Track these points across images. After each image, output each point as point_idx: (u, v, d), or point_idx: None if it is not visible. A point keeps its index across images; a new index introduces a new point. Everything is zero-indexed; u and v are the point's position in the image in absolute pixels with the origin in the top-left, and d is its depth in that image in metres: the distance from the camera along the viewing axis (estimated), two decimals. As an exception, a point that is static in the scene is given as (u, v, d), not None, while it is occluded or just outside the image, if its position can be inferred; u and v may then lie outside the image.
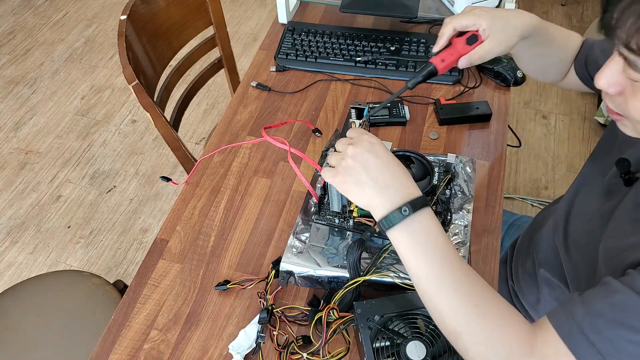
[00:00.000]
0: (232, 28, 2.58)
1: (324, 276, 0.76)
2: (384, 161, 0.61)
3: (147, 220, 1.88)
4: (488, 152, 0.97)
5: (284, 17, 1.22)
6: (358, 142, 0.62)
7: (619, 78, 0.54)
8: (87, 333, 1.06)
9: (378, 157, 0.61)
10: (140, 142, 2.13)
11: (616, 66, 0.53)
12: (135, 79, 1.00)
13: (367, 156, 0.61)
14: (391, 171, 0.61)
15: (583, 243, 0.74)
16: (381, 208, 0.59)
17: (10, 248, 1.82)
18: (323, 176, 0.64)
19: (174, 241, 0.88)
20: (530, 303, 0.88)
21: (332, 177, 0.63)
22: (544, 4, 2.63)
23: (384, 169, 0.60)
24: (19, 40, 2.58)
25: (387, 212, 0.58)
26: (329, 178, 0.63)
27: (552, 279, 0.81)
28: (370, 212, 0.61)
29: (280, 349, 0.73)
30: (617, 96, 0.55)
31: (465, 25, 0.74)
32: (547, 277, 0.82)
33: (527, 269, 0.88)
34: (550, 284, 0.82)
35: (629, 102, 0.54)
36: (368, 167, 0.60)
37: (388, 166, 0.61)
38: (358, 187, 0.61)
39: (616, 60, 0.53)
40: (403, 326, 0.67)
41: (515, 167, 1.98)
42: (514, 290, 0.93)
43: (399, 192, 0.59)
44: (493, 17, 0.74)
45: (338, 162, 0.62)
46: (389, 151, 0.63)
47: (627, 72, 0.52)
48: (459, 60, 0.76)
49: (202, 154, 0.99)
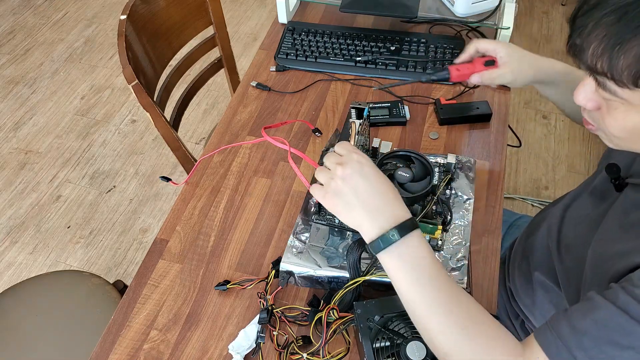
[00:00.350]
0: (232, 28, 2.58)
1: (324, 276, 0.76)
2: (373, 184, 0.61)
3: (147, 220, 1.88)
4: (488, 152, 0.97)
5: (284, 17, 1.22)
6: (347, 162, 0.62)
7: (593, 95, 0.56)
8: (87, 333, 1.06)
9: (367, 179, 0.61)
10: (140, 142, 2.13)
11: (591, 84, 0.56)
12: (135, 79, 1.00)
13: (357, 178, 0.61)
14: (380, 194, 0.61)
15: (573, 246, 0.74)
16: (370, 232, 0.60)
17: (10, 248, 1.82)
18: (312, 193, 0.65)
19: (173, 241, 0.88)
20: (526, 305, 0.88)
21: (321, 197, 0.63)
22: (544, 3, 2.63)
23: (373, 192, 0.61)
24: (18, 40, 2.58)
25: (375, 236, 0.59)
26: (318, 197, 0.64)
27: (547, 281, 0.81)
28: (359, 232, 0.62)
29: (280, 349, 0.73)
30: (595, 111, 0.58)
31: (486, 48, 0.85)
32: (541, 279, 0.82)
33: (523, 271, 0.88)
34: (545, 286, 0.82)
35: (605, 118, 0.56)
36: (357, 190, 0.60)
37: (377, 189, 0.61)
38: (347, 210, 0.61)
39: (590, 79, 0.55)
40: (403, 326, 0.67)
41: (516, 167, 1.98)
42: (512, 293, 0.93)
43: (387, 216, 0.60)
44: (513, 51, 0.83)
45: (327, 182, 0.63)
46: (379, 171, 0.63)
47: (598, 91, 0.54)
48: (472, 75, 0.86)
49: (202, 154, 0.99)
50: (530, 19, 2.56)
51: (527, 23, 2.54)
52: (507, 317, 0.94)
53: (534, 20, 2.56)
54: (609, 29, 0.48)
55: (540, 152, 2.02)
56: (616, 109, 0.53)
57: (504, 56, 0.83)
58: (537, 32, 2.50)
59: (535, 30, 2.51)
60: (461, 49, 1.12)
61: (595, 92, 0.55)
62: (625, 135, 0.55)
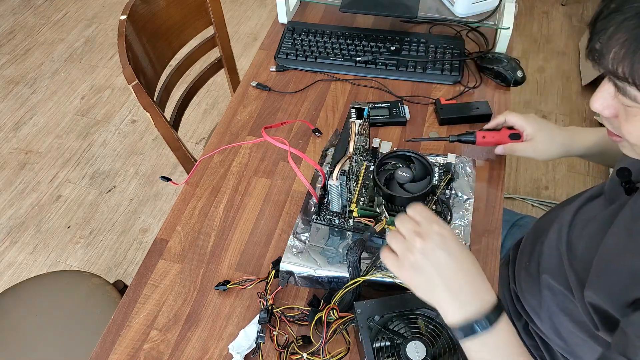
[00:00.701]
0: (232, 28, 2.58)
1: (324, 276, 0.76)
2: (458, 261, 0.57)
3: (147, 220, 1.88)
4: (488, 152, 0.96)
5: (284, 17, 1.22)
6: (428, 234, 0.57)
7: (612, 101, 0.54)
8: (87, 333, 1.06)
9: (451, 255, 0.57)
10: (140, 142, 2.13)
11: (609, 89, 0.54)
12: (135, 79, 1.00)
13: (440, 254, 0.56)
14: (465, 273, 0.57)
15: (580, 248, 0.74)
16: (452, 315, 0.56)
17: (10, 248, 1.82)
18: (384, 262, 0.60)
19: (173, 241, 0.88)
20: (532, 306, 0.87)
21: (397, 270, 0.59)
22: (544, 3, 2.63)
23: (458, 271, 0.57)
24: (19, 40, 2.58)
25: (458, 322, 0.56)
26: (393, 269, 0.59)
27: (555, 284, 0.80)
28: (437, 310, 0.58)
29: (280, 349, 0.73)
30: (613, 118, 0.56)
31: (514, 122, 0.89)
32: (549, 282, 0.82)
33: (530, 273, 0.87)
34: (552, 289, 0.81)
35: (623, 126, 0.54)
36: (440, 267, 0.56)
37: (462, 267, 0.57)
38: (427, 287, 0.57)
39: (609, 84, 0.53)
40: (403, 326, 0.67)
41: (516, 167, 1.98)
42: (516, 294, 0.92)
43: (473, 301, 0.56)
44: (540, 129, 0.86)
45: (404, 254, 0.58)
46: (462, 245, 0.59)
47: (618, 97, 0.52)
48: (497, 146, 0.91)
49: (202, 154, 0.99)
50: (530, 19, 2.56)
51: (527, 23, 2.54)
52: (510, 319, 0.93)
53: (534, 20, 2.56)
54: (631, 33, 0.46)
55: (540, 152, 2.02)
56: (635, 115, 0.52)
57: (529, 134, 0.87)
58: (537, 32, 2.50)
59: (535, 30, 2.51)
60: (461, 49, 1.12)
61: (614, 98, 0.54)
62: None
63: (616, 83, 0.51)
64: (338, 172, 0.71)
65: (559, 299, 0.80)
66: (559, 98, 2.20)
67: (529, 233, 0.95)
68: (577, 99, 2.19)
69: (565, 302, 0.78)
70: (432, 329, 0.66)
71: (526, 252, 0.91)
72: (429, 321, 0.67)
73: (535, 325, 0.87)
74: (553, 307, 0.82)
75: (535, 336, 0.88)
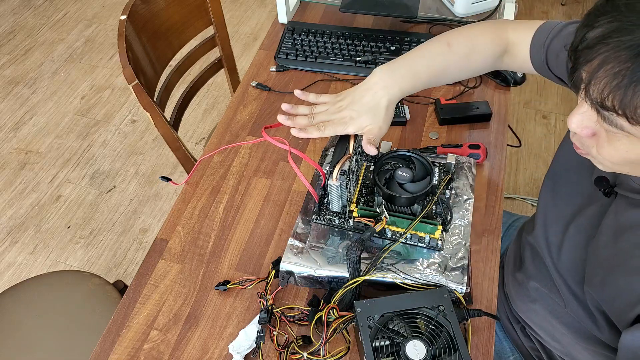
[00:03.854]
0: (232, 28, 2.58)
1: (324, 276, 0.76)
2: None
3: (147, 220, 1.88)
4: (488, 152, 0.97)
5: (284, 17, 1.22)
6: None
7: (590, 123, 0.54)
8: (87, 333, 1.06)
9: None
10: (140, 142, 2.13)
11: (588, 112, 0.53)
12: (135, 79, 1.00)
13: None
14: None
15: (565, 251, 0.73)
16: None
17: (10, 248, 1.82)
18: None
19: (174, 241, 0.88)
20: (523, 311, 0.87)
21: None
22: (544, 4, 2.63)
23: None
24: (19, 40, 2.59)
25: None
26: None
27: (542, 288, 0.80)
28: None
29: (280, 349, 0.73)
30: (587, 138, 0.56)
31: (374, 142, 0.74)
32: (536, 287, 0.82)
33: (517, 279, 0.87)
34: (541, 294, 0.81)
35: (604, 148, 0.54)
36: None
37: None
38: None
39: (587, 107, 0.52)
40: (403, 325, 0.67)
41: (516, 167, 1.98)
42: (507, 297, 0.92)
43: None
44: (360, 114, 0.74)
45: None
46: None
47: (601, 123, 0.51)
48: None
49: (202, 154, 0.99)
50: (530, 19, 2.56)
51: (527, 23, 2.54)
52: (508, 322, 0.93)
53: (533, 20, 2.56)
54: (622, 66, 0.45)
55: (540, 152, 2.02)
56: (619, 140, 0.51)
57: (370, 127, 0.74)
58: (537, 32, 2.49)
59: (535, 30, 2.50)
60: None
61: (595, 122, 0.53)
62: (624, 165, 0.54)
63: (601, 112, 0.49)
64: (338, 172, 0.71)
65: (547, 302, 0.80)
66: (558, 98, 2.20)
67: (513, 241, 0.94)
68: (577, 98, 2.19)
69: (553, 306, 0.78)
70: (431, 329, 0.66)
71: (511, 258, 0.91)
72: (429, 320, 0.67)
73: (531, 329, 0.87)
74: (541, 310, 0.82)
75: (533, 339, 0.88)
